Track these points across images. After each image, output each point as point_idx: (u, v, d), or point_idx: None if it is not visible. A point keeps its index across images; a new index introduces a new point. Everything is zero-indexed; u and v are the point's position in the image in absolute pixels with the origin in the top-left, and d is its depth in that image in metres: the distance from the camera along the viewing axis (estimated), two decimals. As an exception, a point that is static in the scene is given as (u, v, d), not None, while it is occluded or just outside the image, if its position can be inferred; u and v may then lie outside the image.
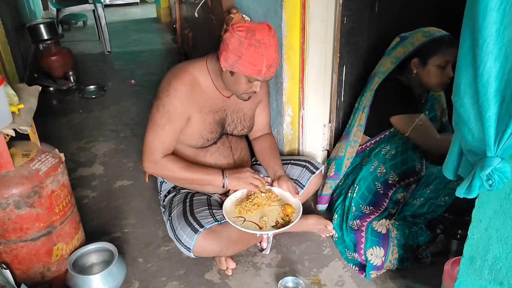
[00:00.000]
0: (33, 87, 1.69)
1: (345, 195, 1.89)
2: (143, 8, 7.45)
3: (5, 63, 3.03)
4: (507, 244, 0.98)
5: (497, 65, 0.81)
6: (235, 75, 1.54)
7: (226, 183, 1.70)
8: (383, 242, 1.68)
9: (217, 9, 2.55)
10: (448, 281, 1.41)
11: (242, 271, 1.75)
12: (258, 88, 1.57)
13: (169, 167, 1.67)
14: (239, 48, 1.46)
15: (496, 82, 0.83)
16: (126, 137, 2.92)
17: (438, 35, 1.75)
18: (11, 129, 1.40)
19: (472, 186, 0.95)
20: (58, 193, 1.55)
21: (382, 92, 1.83)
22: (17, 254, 1.54)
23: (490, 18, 0.79)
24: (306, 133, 2.11)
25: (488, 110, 0.85)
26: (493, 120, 0.85)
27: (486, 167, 0.89)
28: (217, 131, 1.73)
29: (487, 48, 0.81)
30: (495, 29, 0.79)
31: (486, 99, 0.84)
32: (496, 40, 0.80)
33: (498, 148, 0.88)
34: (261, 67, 1.48)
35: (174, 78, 1.62)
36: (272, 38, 1.48)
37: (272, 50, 1.48)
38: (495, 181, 0.90)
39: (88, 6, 4.82)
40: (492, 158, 0.89)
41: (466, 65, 0.88)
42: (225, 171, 1.72)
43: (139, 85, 3.88)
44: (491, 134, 0.86)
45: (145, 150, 1.68)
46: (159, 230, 2.00)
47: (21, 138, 1.54)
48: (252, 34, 1.45)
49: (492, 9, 0.78)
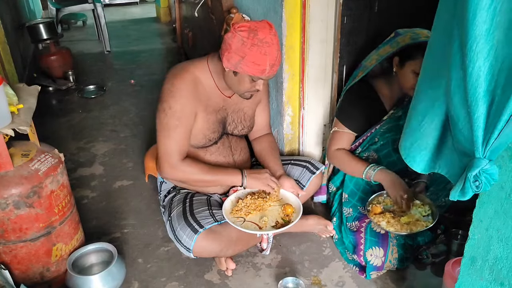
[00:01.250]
0: (32, 87, 1.68)
1: (340, 199, 1.90)
2: (143, 8, 7.44)
3: (4, 63, 3.02)
4: (508, 245, 0.98)
5: (486, 65, 0.80)
6: (239, 75, 1.53)
7: (244, 183, 1.71)
8: (382, 242, 1.67)
9: (217, 8, 2.55)
10: (448, 282, 1.41)
11: (242, 272, 1.75)
12: (261, 86, 1.57)
13: (190, 170, 1.65)
14: (242, 48, 1.46)
15: (485, 83, 0.81)
16: (126, 137, 2.91)
17: (421, 40, 1.66)
18: (11, 129, 1.40)
19: (465, 188, 0.94)
20: (57, 193, 1.55)
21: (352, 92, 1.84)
22: (16, 254, 1.53)
23: (480, 18, 0.77)
24: (306, 133, 2.11)
25: (476, 111, 0.83)
26: (482, 120, 0.84)
27: (473, 169, 0.89)
28: (218, 130, 1.73)
29: (476, 48, 0.79)
30: (485, 28, 0.78)
31: (475, 99, 0.83)
32: (486, 40, 0.79)
33: (486, 149, 0.86)
34: (265, 66, 1.48)
35: (176, 79, 1.61)
36: (274, 37, 1.48)
37: (275, 48, 1.48)
38: (481, 182, 0.90)
39: (88, 5, 4.81)
40: (480, 159, 0.88)
41: (456, 65, 0.87)
42: (244, 171, 1.72)
43: (139, 85, 3.87)
44: (479, 135, 0.85)
45: (162, 155, 1.65)
46: (158, 230, 2.00)
47: (21, 138, 1.54)
48: (254, 34, 1.45)
49: (482, 8, 0.77)
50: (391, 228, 1.63)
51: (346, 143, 1.86)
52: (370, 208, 1.73)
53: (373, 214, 1.70)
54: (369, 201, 1.75)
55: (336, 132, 1.85)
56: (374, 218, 1.68)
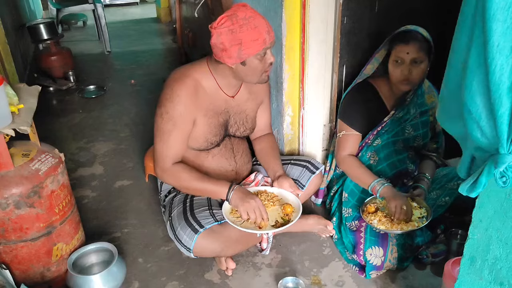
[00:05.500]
0: (33, 87, 1.69)
1: (340, 199, 1.90)
2: (143, 8, 7.45)
3: (5, 63, 3.03)
4: (507, 244, 0.98)
5: (509, 63, 0.82)
6: (246, 62, 1.52)
7: (229, 197, 1.63)
8: (382, 241, 1.68)
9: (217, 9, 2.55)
10: (448, 281, 1.41)
11: (242, 271, 1.75)
12: (271, 57, 1.55)
13: (179, 176, 1.65)
14: (234, 37, 1.45)
15: (509, 80, 0.83)
16: (126, 137, 2.92)
17: (398, 31, 1.69)
18: (11, 129, 1.40)
19: (477, 183, 0.94)
20: (58, 193, 1.55)
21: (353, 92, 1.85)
22: (16, 254, 1.53)
23: (500, 16, 0.79)
24: (306, 133, 2.11)
25: (500, 107, 0.85)
26: (506, 117, 0.86)
27: (500, 164, 0.89)
28: (220, 133, 1.72)
29: (498, 46, 0.81)
30: (506, 26, 0.80)
31: (498, 96, 0.85)
32: (507, 38, 0.80)
33: (511, 145, 0.88)
34: (263, 36, 1.47)
35: (176, 84, 1.59)
36: (251, 9, 1.48)
37: (259, 17, 1.48)
38: (509, 178, 0.90)
39: (88, 6, 4.82)
40: (505, 155, 0.89)
41: (478, 64, 0.88)
42: (233, 186, 1.64)
43: (139, 85, 3.88)
44: (504, 131, 0.87)
45: (156, 158, 1.68)
46: (159, 230, 2.00)
47: (21, 138, 1.54)
48: (235, 17, 1.44)
49: (502, 7, 0.78)
50: (381, 227, 1.64)
51: (353, 146, 1.84)
52: (365, 208, 1.74)
53: (366, 213, 1.72)
54: (366, 202, 1.76)
55: (343, 135, 1.84)
56: (367, 217, 1.69)
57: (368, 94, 1.83)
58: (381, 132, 1.82)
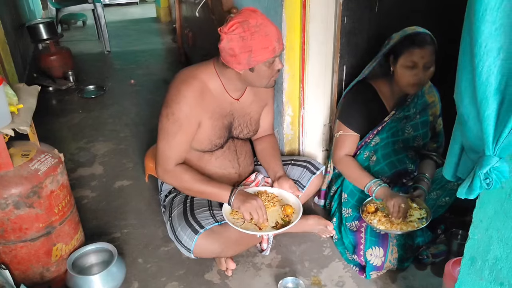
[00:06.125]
0: (32, 87, 1.69)
1: (340, 199, 1.90)
2: (143, 8, 7.44)
3: (4, 63, 3.02)
4: (508, 245, 0.98)
5: (497, 64, 0.81)
6: (255, 68, 1.51)
7: (231, 201, 1.62)
8: (382, 242, 1.68)
9: (217, 9, 2.55)
10: (448, 282, 1.41)
11: (242, 272, 1.75)
12: (279, 64, 1.55)
13: (181, 177, 1.64)
14: (245, 44, 1.44)
15: (496, 81, 0.82)
16: (126, 137, 2.91)
17: (408, 33, 1.65)
18: (10, 129, 1.40)
19: (473, 186, 0.94)
20: (57, 193, 1.55)
21: (352, 92, 1.84)
22: (16, 254, 1.53)
23: (489, 17, 0.78)
24: (306, 133, 2.11)
25: (486, 109, 0.84)
26: (492, 118, 0.85)
27: (484, 166, 0.89)
28: (224, 136, 1.71)
29: (486, 47, 0.80)
30: (494, 28, 0.79)
31: (485, 97, 0.84)
32: (496, 39, 0.79)
33: (496, 146, 0.87)
34: (273, 45, 1.47)
35: (182, 85, 1.58)
36: (262, 16, 1.48)
37: (270, 24, 1.47)
38: (492, 180, 0.90)
39: (88, 5, 4.82)
40: (490, 157, 0.89)
41: (466, 64, 0.88)
42: (235, 190, 1.63)
43: (139, 85, 3.87)
44: (489, 132, 0.86)
45: (158, 158, 1.66)
46: (158, 230, 2.00)
47: (20, 138, 1.54)
48: (247, 24, 1.43)
49: (492, 8, 0.78)
50: (381, 227, 1.64)
51: (351, 146, 1.84)
52: (365, 208, 1.73)
53: (366, 213, 1.71)
54: (365, 202, 1.75)
55: (340, 135, 1.84)
56: (366, 217, 1.69)
57: (367, 94, 1.83)
58: (381, 132, 1.82)
